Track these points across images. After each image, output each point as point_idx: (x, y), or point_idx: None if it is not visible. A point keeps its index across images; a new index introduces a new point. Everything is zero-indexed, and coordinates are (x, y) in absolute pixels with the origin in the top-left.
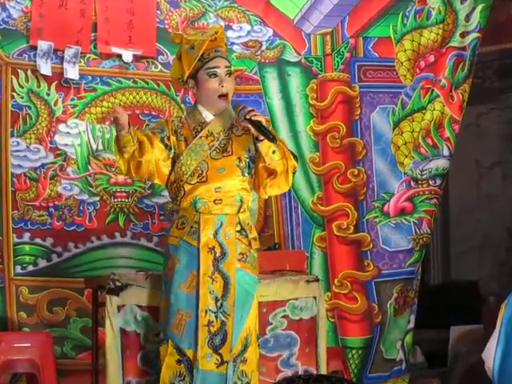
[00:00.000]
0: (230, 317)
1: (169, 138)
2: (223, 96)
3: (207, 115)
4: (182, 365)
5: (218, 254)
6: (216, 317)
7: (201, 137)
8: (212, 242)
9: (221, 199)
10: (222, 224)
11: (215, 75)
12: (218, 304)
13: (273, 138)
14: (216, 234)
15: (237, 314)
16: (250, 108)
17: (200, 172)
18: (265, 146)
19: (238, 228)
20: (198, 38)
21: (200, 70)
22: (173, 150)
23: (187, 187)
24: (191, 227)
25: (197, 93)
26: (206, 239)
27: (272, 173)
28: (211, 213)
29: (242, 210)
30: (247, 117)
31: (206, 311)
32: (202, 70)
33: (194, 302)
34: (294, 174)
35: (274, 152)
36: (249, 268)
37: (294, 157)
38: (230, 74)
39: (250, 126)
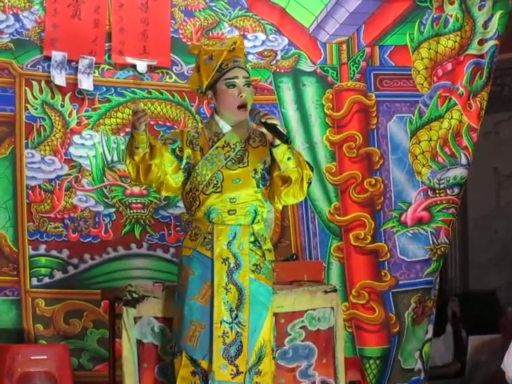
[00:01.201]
0: (245, 328)
1: (181, 150)
2: (242, 107)
3: (224, 125)
4: (197, 376)
5: (232, 265)
6: (231, 328)
7: (217, 147)
8: (226, 252)
9: (235, 210)
10: (235, 235)
11: (234, 86)
12: (233, 315)
13: (287, 140)
14: (230, 244)
15: (251, 325)
16: (264, 112)
17: (215, 182)
18: (280, 152)
19: (252, 239)
20: (216, 49)
21: (219, 80)
22: (185, 161)
23: (202, 197)
24: (204, 238)
25: (215, 104)
26: (220, 250)
27: (286, 180)
28: (225, 223)
29: (256, 220)
30: (262, 120)
31: (221, 322)
32: (221, 80)
33: (208, 313)
34: (309, 184)
35: (288, 159)
36: (263, 279)
37: (310, 167)
38: (248, 84)
39: (264, 129)
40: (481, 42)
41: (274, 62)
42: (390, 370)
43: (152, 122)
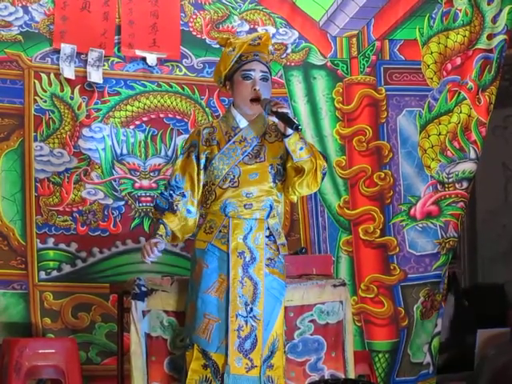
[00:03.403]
0: (260, 322)
1: (199, 151)
2: (255, 100)
3: (241, 120)
4: (208, 369)
5: (247, 259)
6: (246, 322)
7: (234, 142)
8: (241, 246)
9: (251, 204)
10: (251, 229)
11: (249, 78)
12: (248, 309)
13: (298, 127)
14: (245, 238)
15: (265, 319)
16: (275, 101)
17: (232, 177)
18: (292, 143)
19: (267, 233)
20: (239, 41)
21: (236, 71)
22: (203, 161)
23: (218, 191)
24: (220, 231)
25: (232, 95)
26: (236, 244)
27: (300, 171)
28: (241, 217)
29: (271, 215)
30: (273, 109)
31: (236, 316)
32: (238, 71)
33: (222, 307)
34: (324, 174)
35: (301, 148)
36: (277, 274)
37: (323, 157)
38: (266, 79)
39: (275, 118)
40: (490, 37)
41: (285, 55)
42: (398, 364)
43: (162, 115)
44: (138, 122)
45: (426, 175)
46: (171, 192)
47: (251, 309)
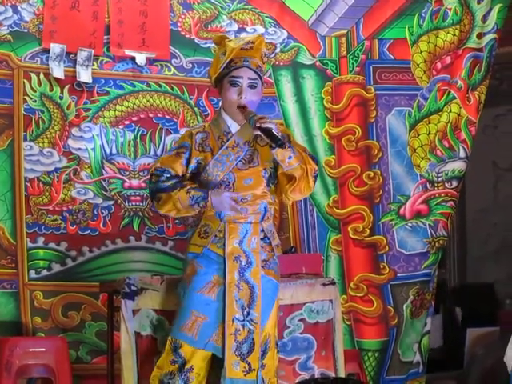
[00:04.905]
0: (257, 325)
1: (190, 155)
2: (241, 108)
3: (232, 124)
4: (176, 365)
5: (243, 263)
6: (243, 325)
7: (227, 147)
8: (237, 250)
9: (246, 208)
10: (246, 233)
11: (237, 85)
12: (245, 312)
13: (282, 144)
14: (241, 242)
15: (261, 321)
16: (260, 115)
17: (227, 183)
18: (279, 153)
19: (262, 236)
20: (231, 44)
21: (225, 77)
22: (193, 165)
23: None
24: (215, 236)
25: (221, 99)
26: (232, 248)
27: (291, 178)
28: (236, 222)
29: (265, 218)
30: (257, 124)
31: (233, 320)
32: (227, 77)
33: (214, 307)
34: (315, 177)
35: (289, 157)
36: (272, 274)
37: (314, 160)
38: (254, 86)
39: (260, 133)
40: (479, 36)
41: (273, 54)
42: (388, 363)
43: (151, 115)
44: (127, 122)
45: (416, 174)
46: (162, 174)
47: (248, 312)
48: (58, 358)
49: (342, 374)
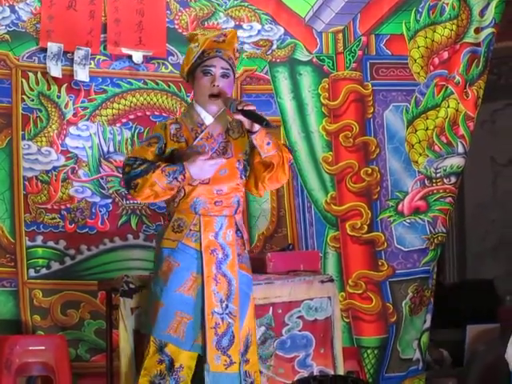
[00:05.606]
0: (236, 318)
1: (165, 145)
2: (213, 96)
3: (206, 116)
4: (163, 364)
5: (220, 256)
6: (222, 319)
7: (201, 138)
8: (213, 244)
9: (221, 201)
10: (222, 226)
11: (209, 73)
12: (223, 306)
13: (268, 123)
14: (216, 235)
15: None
16: (240, 99)
17: None
18: (259, 138)
19: (235, 229)
20: (203, 37)
21: (198, 67)
22: (166, 154)
23: (188, 189)
24: (190, 230)
25: (193, 91)
26: (208, 241)
27: (269, 166)
28: (211, 214)
29: (237, 211)
30: (239, 107)
31: (212, 313)
32: (199, 67)
33: (196, 305)
34: (290, 166)
35: (268, 143)
36: (245, 269)
37: (288, 149)
38: (226, 75)
39: (242, 117)
40: (477, 31)
41: (270, 51)
42: (388, 360)
43: (148, 113)
44: (124, 120)
45: (414, 170)
46: (135, 162)
47: (226, 305)
48: (57, 356)
49: (341, 371)
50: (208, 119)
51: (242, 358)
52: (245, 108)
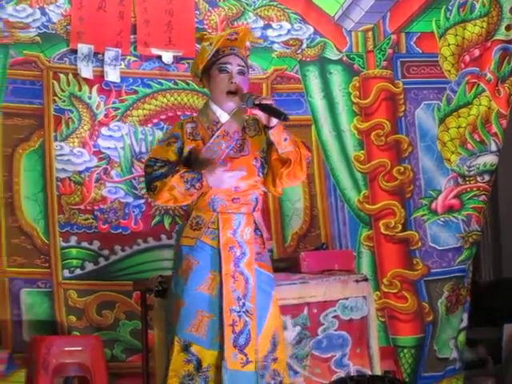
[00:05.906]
0: (253, 316)
1: (183, 144)
2: (231, 93)
3: (221, 114)
4: (191, 364)
5: (238, 254)
6: (239, 316)
7: (218, 136)
8: (232, 241)
9: (239, 198)
10: (240, 223)
11: (226, 71)
12: (241, 303)
13: (286, 116)
14: (235, 233)
15: (258, 314)
16: (257, 94)
17: None
18: (276, 134)
19: (254, 227)
20: (217, 36)
21: (213, 65)
22: (185, 153)
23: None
24: (208, 228)
25: (209, 89)
26: (226, 239)
27: (286, 162)
28: (229, 212)
29: (256, 209)
30: (256, 102)
31: (230, 311)
32: (215, 65)
33: (216, 304)
34: (308, 163)
35: (285, 139)
36: (265, 267)
37: (306, 147)
38: (243, 72)
39: (259, 111)
40: (508, 28)
41: (300, 50)
42: (425, 360)
43: (179, 113)
44: (155, 120)
45: (447, 169)
46: (155, 163)
47: (243, 303)
48: (93, 356)
49: (377, 371)
50: (223, 117)
51: (270, 356)
52: (262, 102)
